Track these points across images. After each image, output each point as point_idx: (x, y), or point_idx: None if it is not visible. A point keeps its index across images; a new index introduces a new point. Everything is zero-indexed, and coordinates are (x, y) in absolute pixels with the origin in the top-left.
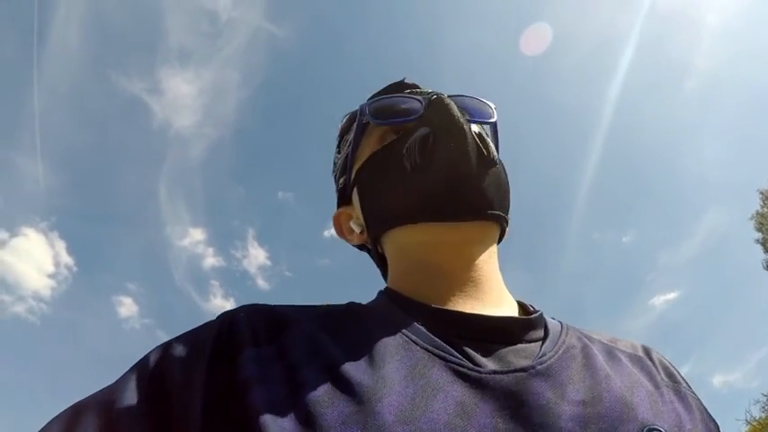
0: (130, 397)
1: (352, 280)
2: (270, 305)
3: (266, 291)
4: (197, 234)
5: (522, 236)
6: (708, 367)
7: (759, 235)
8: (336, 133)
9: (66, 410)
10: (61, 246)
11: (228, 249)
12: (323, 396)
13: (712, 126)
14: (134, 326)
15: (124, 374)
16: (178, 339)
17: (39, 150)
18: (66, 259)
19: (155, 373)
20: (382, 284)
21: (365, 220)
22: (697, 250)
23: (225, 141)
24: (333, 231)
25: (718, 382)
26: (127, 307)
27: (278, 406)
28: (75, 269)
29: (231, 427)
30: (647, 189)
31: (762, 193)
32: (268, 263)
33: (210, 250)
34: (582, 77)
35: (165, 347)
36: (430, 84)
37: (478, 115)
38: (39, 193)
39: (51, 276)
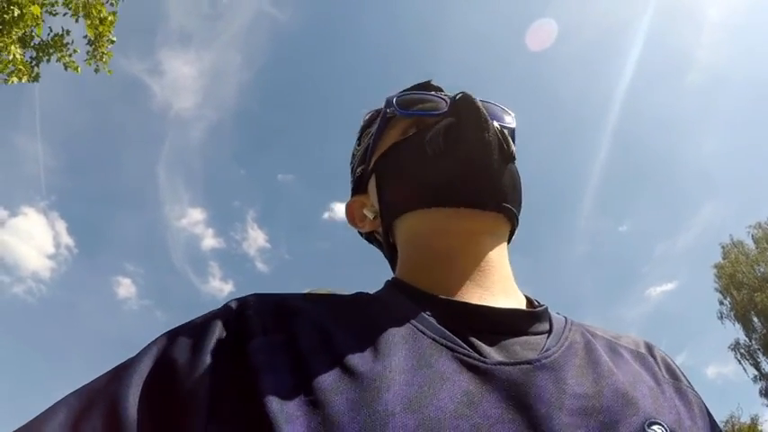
0: (136, 384)
1: (351, 263)
2: (278, 294)
3: (265, 273)
4: (196, 214)
5: (522, 221)
6: (702, 359)
7: (719, 284)
8: (348, 136)
9: (71, 396)
10: (62, 226)
11: (228, 231)
12: (331, 384)
13: (713, 120)
14: (132, 307)
15: (130, 360)
16: (185, 326)
17: (38, 130)
18: (67, 240)
19: (160, 360)
20: (382, 267)
21: (380, 205)
22: (694, 242)
23: (225, 123)
24: (332, 214)
25: (713, 373)
26: (125, 288)
27: (286, 393)
28: (75, 250)
29: (239, 414)
30: (646, 180)
31: (723, 246)
32: (267, 245)
33: (210, 231)
34: (585, 69)
35: (172, 335)
36: (432, 74)
37: (500, 120)
38: (38, 173)
39: (51, 257)
